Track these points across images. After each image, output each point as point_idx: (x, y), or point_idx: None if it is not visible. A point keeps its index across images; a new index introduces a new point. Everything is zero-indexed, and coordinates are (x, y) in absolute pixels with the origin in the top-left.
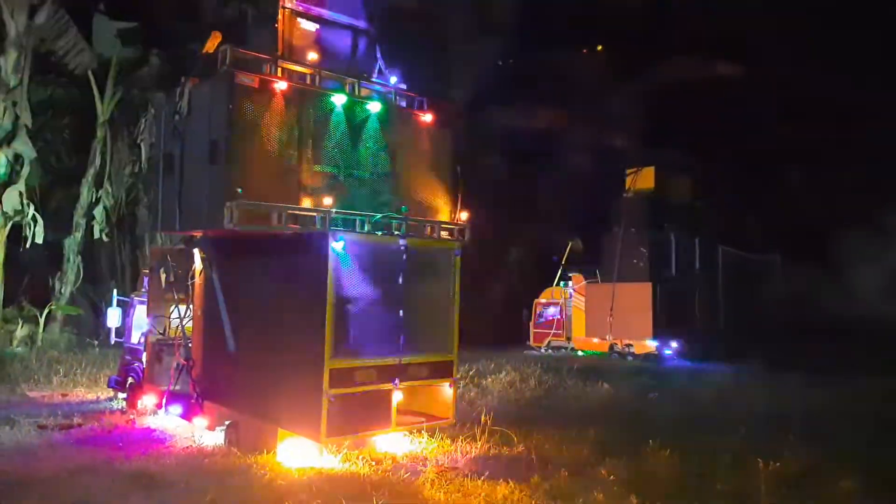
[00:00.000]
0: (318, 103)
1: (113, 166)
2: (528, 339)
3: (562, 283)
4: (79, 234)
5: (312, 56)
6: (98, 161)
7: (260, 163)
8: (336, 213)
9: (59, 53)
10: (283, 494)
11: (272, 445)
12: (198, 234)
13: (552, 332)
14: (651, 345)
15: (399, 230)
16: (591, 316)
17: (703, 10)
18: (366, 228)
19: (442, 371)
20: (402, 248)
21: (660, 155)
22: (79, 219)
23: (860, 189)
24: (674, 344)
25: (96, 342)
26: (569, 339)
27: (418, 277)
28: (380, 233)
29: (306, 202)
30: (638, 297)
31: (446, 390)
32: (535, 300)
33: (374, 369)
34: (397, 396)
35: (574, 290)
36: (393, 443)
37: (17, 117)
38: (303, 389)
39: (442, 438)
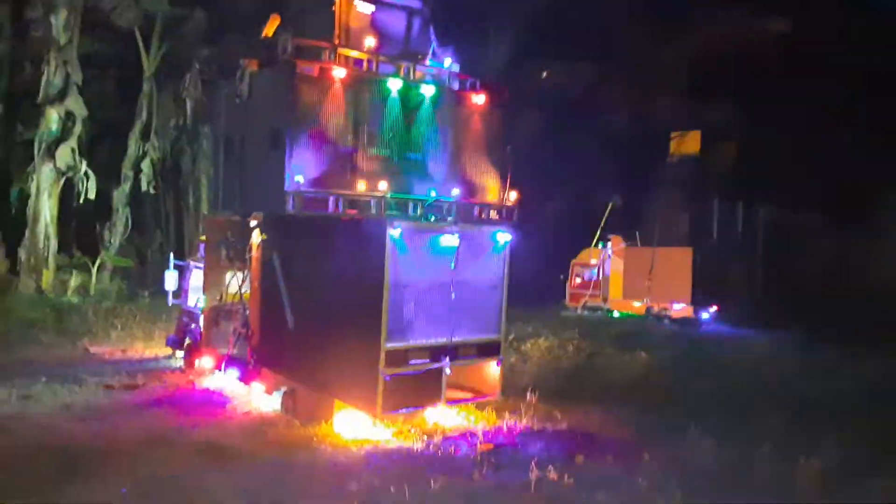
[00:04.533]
0: (375, 88)
1: (158, 120)
2: (565, 300)
3: (600, 244)
4: (126, 186)
5: (369, 39)
6: (144, 115)
7: (319, 149)
8: (390, 196)
9: (106, 10)
10: (346, 472)
11: (328, 415)
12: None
13: (589, 293)
14: (688, 310)
15: (450, 213)
16: (629, 278)
17: None
18: (418, 211)
19: (489, 351)
20: (455, 233)
21: (705, 118)
22: (126, 171)
23: None
24: (711, 309)
25: (146, 293)
26: (605, 300)
27: (469, 261)
28: (432, 218)
29: (361, 185)
30: (677, 261)
31: (493, 368)
32: (573, 260)
33: (427, 350)
34: (447, 374)
35: (612, 252)
36: (442, 417)
37: (67, 75)
38: (359, 366)
39: (489, 413)
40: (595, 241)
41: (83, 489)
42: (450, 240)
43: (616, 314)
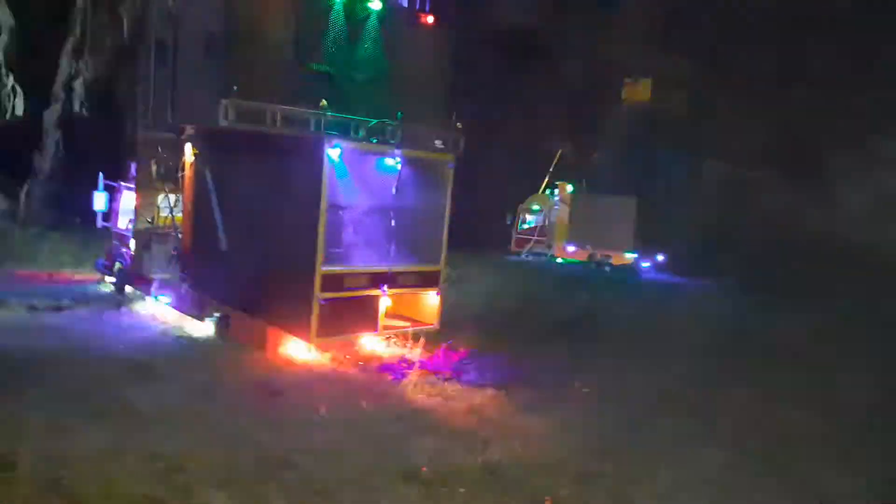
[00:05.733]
0: None
1: (93, 37)
2: (510, 245)
3: (548, 190)
4: (58, 107)
5: None
6: (78, 31)
7: (257, 58)
8: (331, 116)
9: None
10: (277, 391)
11: (262, 341)
12: (190, 128)
13: (534, 238)
14: (629, 257)
15: (394, 138)
16: (574, 225)
17: None
18: (360, 134)
19: (429, 280)
20: (397, 157)
21: (657, 66)
22: (57, 91)
23: (859, 112)
24: (654, 258)
25: (78, 219)
26: (549, 246)
27: (411, 188)
28: (374, 141)
29: (301, 103)
30: (621, 209)
31: (432, 298)
32: (520, 206)
33: (364, 276)
34: (385, 302)
35: (559, 198)
36: (379, 345)
37: None
38: (294, 291)
39: (426, 343)
40: (543, 187)
41: None
42: (391, 163)
43: (559, 260)
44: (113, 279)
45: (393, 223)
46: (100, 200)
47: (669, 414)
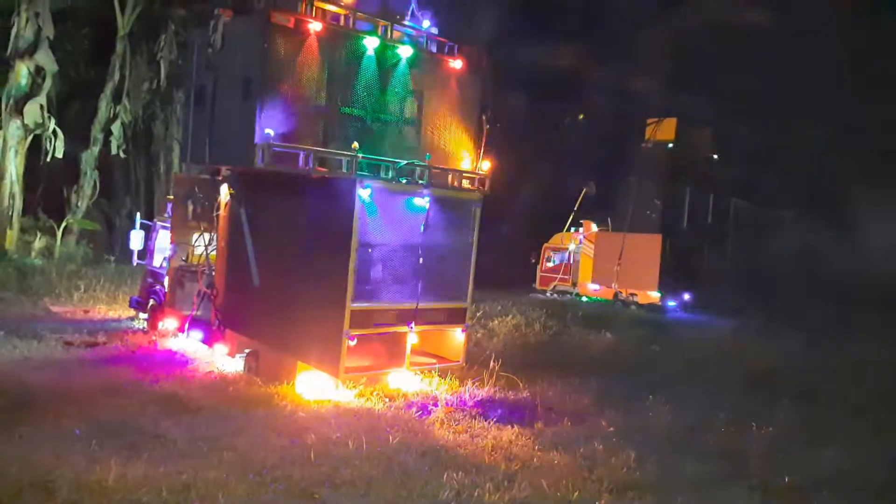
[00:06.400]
0: (351, 45)
1: (131, 81)
2: (535, 282)
3: (572, 228)
4: (96, 149)
5: None
6: (117, 76)
7: (291, 103)
8: (362, 157)
9: None
10: (305, 426)
11: (291, 376)
12: (226, 169)
13: (558, 276)
14: (655, 296)
15: (422, 178)
16: (599, 263)
17: None
18: (390, 175)
19: (455, 317)
20: (426, 197)
21: (681, 106)
22: (96, 133)
23: (886, 150)
24: (679, 296)
25: (112, 258)
26: (574, 284)
27: (439, 226)
28: (404, 181)
29: (334, 144)
30: (647, 248)
31: (458, 335)
32: (545, 244)
33: (392, 312)
34: (412, 339)
35: (584, 236)
36: (405, 381)
37: (39, 28)
38: (324, 327)
39: (451, 380)
40: (567, 225)
41: (35, 431)
42: (420, 202)
43: (584, 298)
44: (146, 316)
45: (421, 260)
46: (136, 239)
47: (697, 452)
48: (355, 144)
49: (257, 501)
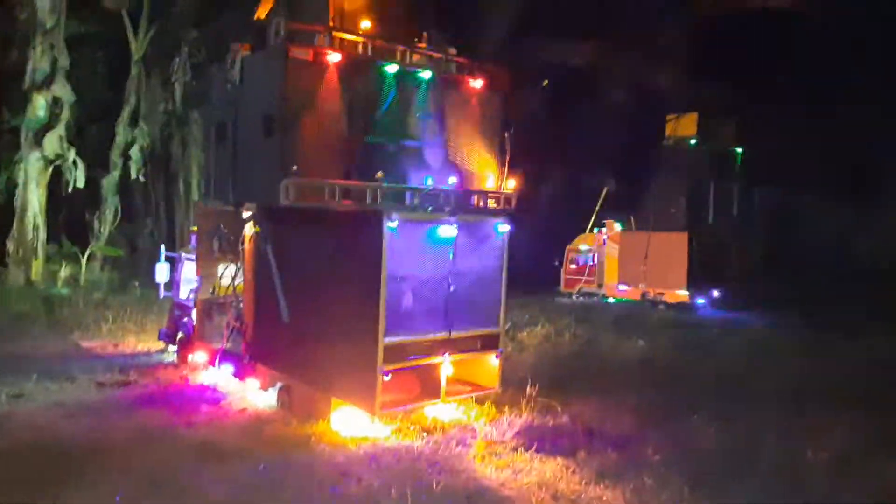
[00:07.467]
0: (370, 73)
1: (147, 104)
2: (560, 285)
3: (595, 229)
4: (116, 174)
5: (364, 22)
6: (133, 100)
7: (313, 136)
8: (387, 186)
9: None
10: (346, 473)
11: (325, 413)
12: (250, 205)
13: (584, 278)
14: (683, 294)
15: (447, 202)
16: (624, 263)
17: None
18: (415, 201)
19: (489, 343)
20: (453, 223)
21: (701, 99)
22: (115, 158)
23: None
24: (709, 293)
25: (137, 283)
26: (600, 286)
27: (467, 252)
28: (429, 208)
29: (358, 175)
30: (673, 246)
31: (492, 361)
32: (568, 246)
33: (426, 344)
34: (447, 370)
35: (607, 237)
36: (441, 411)
37: (54, 59)
38: (357, 363)
39: (488, 406)
40: (590, 226)
41: (76, 492)
42: (448, 230)
43: (611, 300)
44: (175, 348)
45: (452, 288)
46: (161, 272)
47: (749, 473)
48: (380, 174)
49: None
